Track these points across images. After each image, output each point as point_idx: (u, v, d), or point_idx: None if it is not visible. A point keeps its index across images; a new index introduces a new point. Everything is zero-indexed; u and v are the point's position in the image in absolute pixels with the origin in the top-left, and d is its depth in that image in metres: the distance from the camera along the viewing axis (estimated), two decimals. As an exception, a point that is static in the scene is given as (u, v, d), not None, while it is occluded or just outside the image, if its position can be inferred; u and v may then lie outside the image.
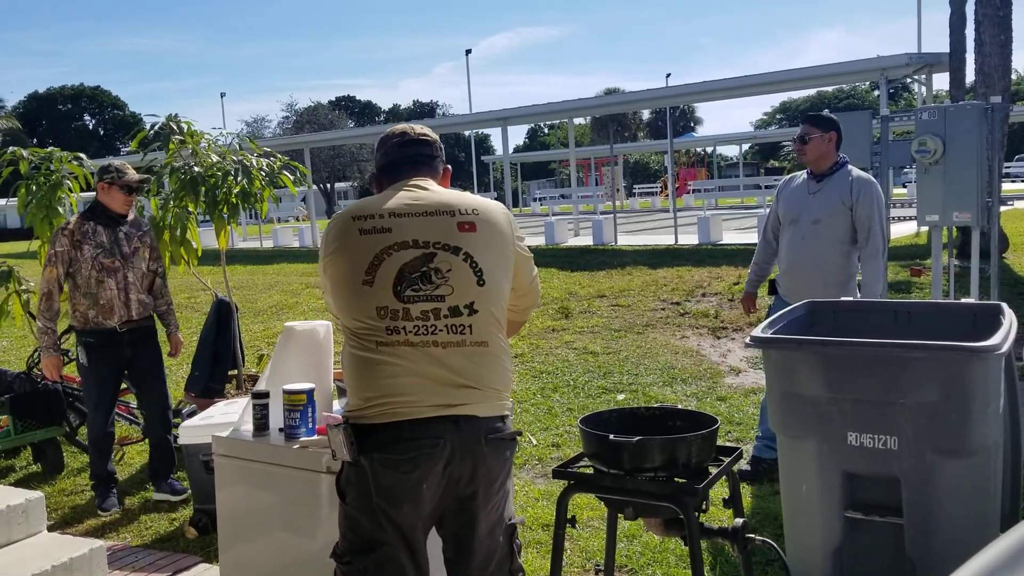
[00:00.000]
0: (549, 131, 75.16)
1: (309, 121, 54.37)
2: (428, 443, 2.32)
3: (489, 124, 31.12)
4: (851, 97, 63.35)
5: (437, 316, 2.37)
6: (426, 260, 2.40)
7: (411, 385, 2.34)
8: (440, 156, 2.72)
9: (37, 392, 5.97)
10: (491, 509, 2.47)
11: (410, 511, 2.35)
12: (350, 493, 2.42)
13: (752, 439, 5.71)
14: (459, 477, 2.38)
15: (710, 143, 48.02)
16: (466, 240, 2.45)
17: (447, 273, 2.40)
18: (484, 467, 2.41)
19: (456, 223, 2.47)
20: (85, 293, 5.13)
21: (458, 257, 2.42)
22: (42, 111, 72.12)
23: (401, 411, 2.34)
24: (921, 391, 2.94)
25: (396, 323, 2.36)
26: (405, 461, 2.31)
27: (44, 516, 3.76)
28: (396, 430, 2.33)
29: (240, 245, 27.15)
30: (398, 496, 2.33)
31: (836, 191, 4.73)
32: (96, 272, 5.11)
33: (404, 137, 2.67)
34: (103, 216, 5.22)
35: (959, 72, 13.85)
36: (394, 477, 2.32)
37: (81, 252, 5.11)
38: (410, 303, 2.37)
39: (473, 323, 2.40)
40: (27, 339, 9.50)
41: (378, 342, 2.36)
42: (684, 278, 12.05)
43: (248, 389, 6.17)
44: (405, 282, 2.38)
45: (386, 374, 2.35)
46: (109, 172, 5.20)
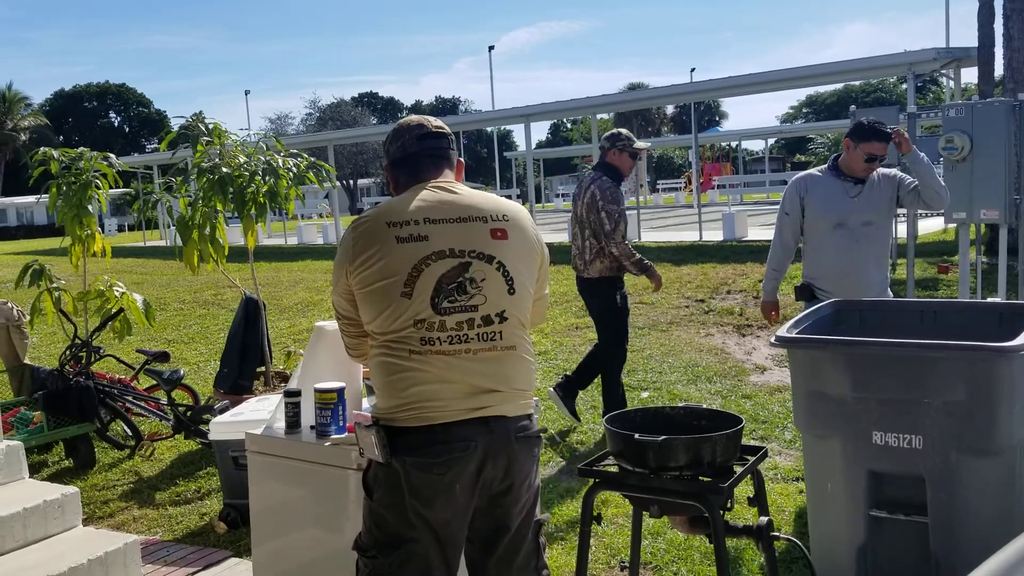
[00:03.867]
0: (572, 126, 75.02)
1: (332, 118, 54.60)
2: (460, 446, 2.36)
3: (512, 120, 31.09)
4: (878, 91, 62.76)
5: (471, 326, 2.40)
6: (462, 270, 2.41)
7: (442, 390, 2.37)
8: (455, 149, 2.70)
9: (69, 389, 6.06)
10: (522, 506, 2.51)
11: (443, 508, 2.38)
12: (378, 491, 2.45)
13: (778, 437, 5.71)
14: (492, 477, 2.42)
15: (735, 138, 47.71)
16: (499, 248, 2.47)
17: (481, 283, 2.42)
18: (516, 465, 2.45)
19: (489, 230, 2.47)
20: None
21: (491, 266, 2.44)
22: (68, 108, 72.80)
23: (433, 415, 2.36)
24: (947, 391, 2.95)
25: (431, 334, 2.37)
26: (438, 464, 2.35)
27: (79, 511, 3.84)
28: (428, 433, 2.36)
29: (265, 242, 27.32)
30: (431, 496, 2.37)
31: (880, 192, 4.66)
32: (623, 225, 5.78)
33: (422, 130, 2.62)
34: (618, 177, 5.85)
35: (988, 67, 13.69)
36: (427, 479, 2.35)
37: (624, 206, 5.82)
38: (446, 315, 2.38)
39: (503, 329, 2.44)
40: (57, 336, 9.65)
41: (411, 351, 2.38)
42: (708, 275, 12.02)
43: (276, 386, 6.24)
44: (442, 293, 2.38)
45: (417, 380, 2.37)
46: (620, 140, 5.82)
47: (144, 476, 5.82)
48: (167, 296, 14.48)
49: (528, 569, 2.56)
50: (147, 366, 6.54)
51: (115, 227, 44.45)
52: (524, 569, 2.56)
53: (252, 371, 6.36)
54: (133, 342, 8.53)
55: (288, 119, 58.20)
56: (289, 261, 19.22)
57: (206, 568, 4.31)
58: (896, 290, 10.02)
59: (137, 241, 32.58)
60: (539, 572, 2.59)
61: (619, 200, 5.77)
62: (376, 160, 53.78)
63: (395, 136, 2.65)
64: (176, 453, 6.25)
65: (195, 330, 11.42)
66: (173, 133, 6.23)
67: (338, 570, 2.94)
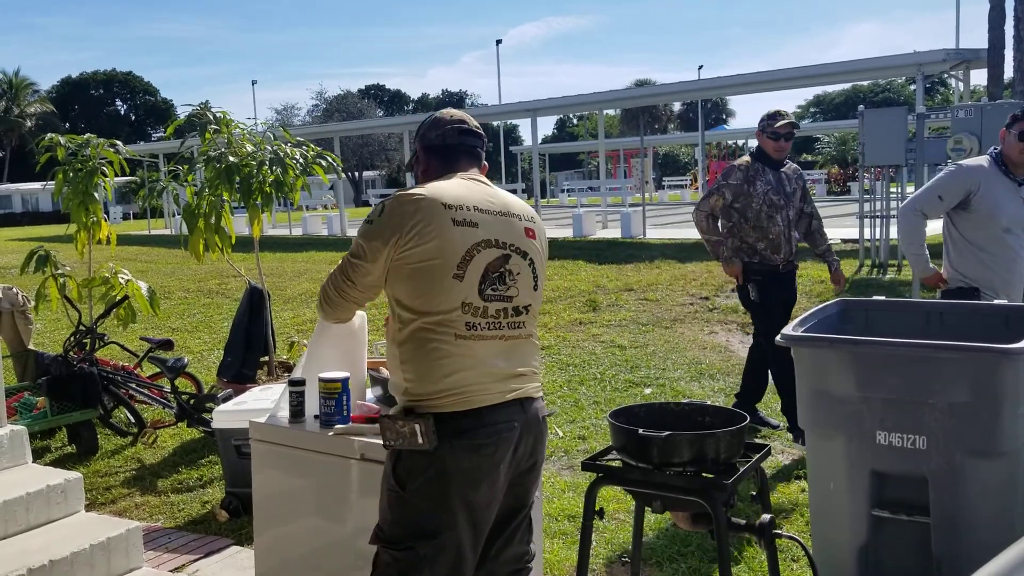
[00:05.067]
0: (578, 122, 74.94)
1: (338, 109, 54.62)
2: (505, 426, 2.46)
3: (518, 115, 31.08)
4: (887, 91, 62.64)
5: (506, 315, 2.52)
6: (504, 261, 2.52)
7: (482, 374, 2.45)
8: (485, 151, 2.81)
9: (73, 375, 6.07)
10: (537, 480, 2.68)
11: (488, 490, 2.46)
12: (414, 481, 2.43)
13: (780, 436, 5.71)
14: (523, 455, 2.55)
15: (742, 136, 47.53)
16: (530, 246, 2.62)
17: (516, 276, 2.55)
18: (541, 444, 2.62)
19: (523, 228, 2.61)
20: (755, 226, 5.50)
21: (525, 261, 2.58)
22: (75, 96, 72.85)
23: (477, 398, 2.44)
24: (952, 392, 2.95)
25: (475, 319, 2.45)
26: (488, 444, 2.43)
27: (82, 496, 3.84)
28: (476, 416, 2.43)
29: (269, 232, 27.34)
30: (479, 478, 2.43)
31: None
32: (767, 208, 5.48)
33: (464, 125, 2.71)
34: (766, 159, 5.58)
35: (997, 69, 13.68)
36: (476, 460, 2.42)
37: (754, 187, 5.48)
38: (489, 301, 2.48)
39: (526, 320, 2.58)
40: (62, 322, 9.66)
41: (456, 335, 2.43)
42: (713, 273, 12.00)
43: (279, 375, 6.25)
44: (487, 281, 2.48)
45: (460, 366, 2.43)
46: (761, 120, 5.59)
47: (146, 463, 5.83)
48: (171, 285, 14.50)
49: (524, 543, 2.71)
50: (151, 354, 6.55)
51: (120, 215, 44.49)
52: (521, 542, 2.70)
53: (256, 360, 6.37)
54: (137, 330, 8.54)
55: (294, 110, 58.30)
56: (294, 252, 19.23)
57: (207, 555, 4.32)
58: (902, 291, 10.01)
59: (142, 229, 32.62)
60: (530, 545, 2.75)
61: (729, 175, 5.57)
62: (381, 152, 53.77)
63: (436, 124, 2.71)
64: (179, 441, 6.26)
65: (199, 319, 11.43)
66: (180, 120, 6.22)
67: (340, 560, 2.95)
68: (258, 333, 6.31)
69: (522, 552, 2.69)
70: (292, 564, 3.13)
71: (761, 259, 5.53)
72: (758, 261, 5.54)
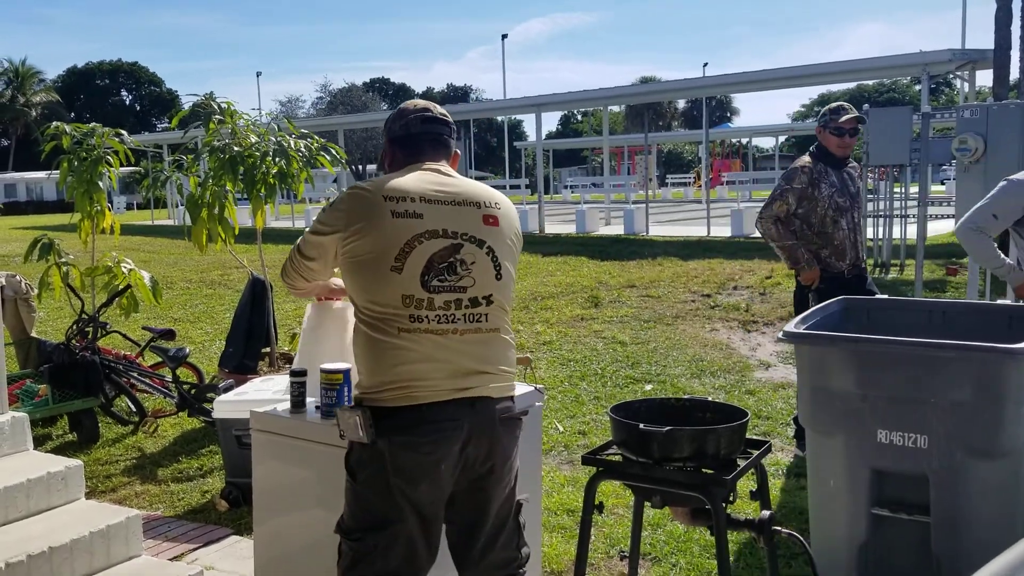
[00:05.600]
0: (582, 118, 74.87)
1: (343, 102, 54.59)
2: (447, 425, 2.37)
3: (523, 110, 31.07)
4: (891, 91, 62.52)
5: (458, 306, 2.42)
6: (453, 251, 2.44)
7: (429, 370, 2.38)
8: (454, 139, 2.75)
9: (75, 363, 6.08)
10: (503, 485, 2.54)
11: (427, 489, 2.40)
12: (362, 473, 2.45)
13: (780, 433, 5.71)
14: (475, 457, 2.44)
15: (746, 134, 47.59)
16: (489, 234, 2.52)
17: (471, 265, 2.46)
18: (499, 446, 2.48)
19: (481, 216, 2.52)
20: (819, 232, 5.10)
21: (482, 250, 2.49)
22: (80, 85, 72.88)
23: (419, 394, 2.37)
24: (954, 391, 2.95)
25: (420, 312, 2.38)
26: (426, 443, 2.36)
27: (83, 484, 3.85)
28: (415, 413, 2.37)
29: (272, 224, 27.35)
30: (417, 476, 2.37)
31: None
32: (832, 212, 5.08)
33: (427, 113, 2.67)
34: (829, 158, 5.17)
35: (1003, 69, 13.64)
36: (414, 459, 2.36)
37: (818, 191, 5.07)
38: (435, 293, 2.40)
39: (489, 312, 2.48)
40: (64, 310, 9.67)
41: (400, 328, 2.38)
42: (715, 270, 12.00)
43: (280, 367, 6.25)
44: (432, 272, 2.40)
45: (404, 359, 2.37)
46: (823, 116, 5.21)
47: (147, 452, 5.84)
48: (174, 275, 14.51)
49: (510, 548, 2.61)
50: (153, 343, 6.56)
51: (124, 205, 44.49)
52: (506, 548, 2.60)
53: (257, 351, 6.37)
54: (139, 319, 8.56)
55: (299, 102, 58.28)
56: (296, 244, 19.20)
57: (207, 545, 4.33)
58: (904, 291, 10.01)
59: (145, 220, 32.63)
60: (520, 551, 2.64)
61: (792, 178, 5.11)
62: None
63: (399, 115, 2.70)
64: (179, 430, 6.27)
65: (201, 310, 11.43)
66: (185, 111, 6.22)
67: (339, 550, 2.95)
68: (260, 324, 6.31)
69: (509, 558, 2.61)
70: (292, 554, 3.13)
71: (825, 267, 5.09)
72: (821, 269, 5.10)
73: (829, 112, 5.18)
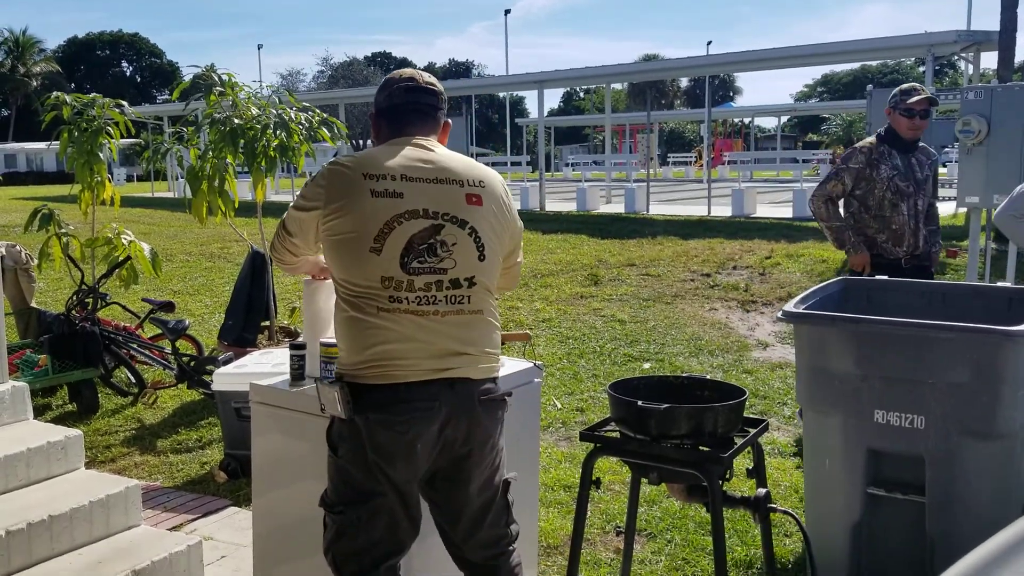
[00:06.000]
0: (585, 95, 74.54)
1: (344, 76, 54.30)
2: (424, 405, 2.36)
3: (525, 87, 30.92)
4: (895, 72, 62.23)
5: (439, 288, 2.39)
6: (434, 232, 2.40)
7: (408, 349, 2.36)
8: (443, 109, 2.66)
9: (75, 334, 6.09)
10: (485, 467, 2.52)
11: (403, 467, 2.40)
12: (342, 447, 2.45)
13: (777, 413, 5.73)
14: (455, 438, 2.43)
15: (748, 114, 47.38)
16: (472, 213, 2.46)
17: (452, 247, 2.41)
18: (479, 427, 2.46)
19: (464, 195, 2.47)
20: (876, 216, 4.95)
21: (464, 231, 2.43)
22: (80, 56, 72.53)
23: (397, 373, 2.36)
24: (952, 372, 2.95)
25: (399, 293, 2.36)
26: (401, 422, 2.35)
27: (82, 454, 3.86)
28: (392, 391, 2.36)
29: (273, 198, 27.26)
30: (392, 454, 2.37)
31: None
32: (891, 195, 4.90)
33: (412, 83, 2.60)
34: (896, 141, 4.98)
35: (1008, 52, 13.57)
36: (389, 436, 2.36)
37: (877, 172, 4.90)
38: (415, 275, 2.37)
39: (471, 294, 2.44)
40: (64, 281, 9.67)
41: (379, 308, 2.36)
42: (715, 250, 12.00)
43: (280, 340, 6.27)
44: (412, 253, 2.37)
45: (384, 338, 2.36)
46: (893, 97, 4.99)
47: (146, 423, 5.86)
48: (173, 248, 14.50)
49: (499, 526, 2.60)
50: (152, 315, 6.57)
51: (124, 177, 44.36)
52: (495, 526, 2.59)
53: (256, 324, 6.38)
54: (139, 291, 8.56)
55: (300, 75, 57.97)
56: (296, 218, 19.15)
57: (205, 516, 4.35)
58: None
59: (145, 192, 32.57)
60: (508, 528, 2.63)
61: (849, 158, 4.97)
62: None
63: (384, 85, 2.64)
64: (178, 402, 6.29)
65: (200, 282, 11.44)
66: (186, 83, 6.19)
67: (337, 522, 2.96)
68: (259, 297, 6.31)
69: (498, 536, 2.60)
70: (290, 526, 3.15)
71: (880, 252, 4.94)
72: (876, 254, 4.95)
73: (900, 93, 4.98)
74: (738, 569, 3.71)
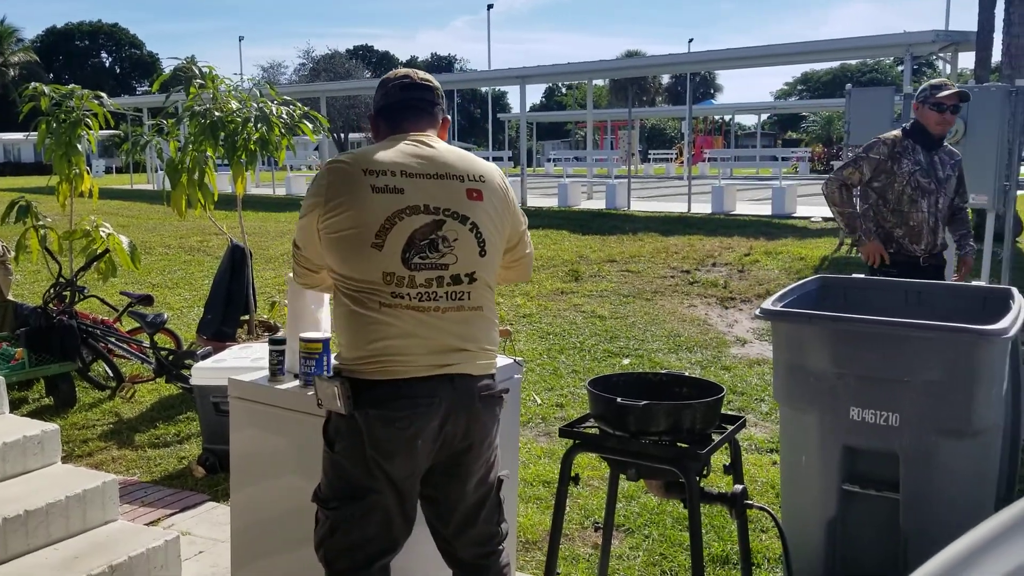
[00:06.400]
0: (567, 91, 74.55)
1: (326, 69, 53.98)
2: (424, 401, 2.36)
3: (507, 82, 30.89)
4: (874, 71, 62.61)
5: (440, 284, 2.39)
6: (435, 227, 2.39)
7: (409, 345, 2.36)
8: (441, 104, 2.66)
9: (52, 327, 6.04)
10: (482, 463, 2.52)
11: (402, 464, 2.39)
12: (339, 443, 2.44)
13: (754, 409, 5.77)
14: (454, 434, 2.43)
15: (729, 111, 47.59)
16: (473, 209, 2.45)
17: (453, 242, 2.40)
18: (478, 423, 2.46)
19: (465, 190, 2.45)
20: (895, 210, 4.80)
21: (465, 227, 2.43)
22: (59, 46, 71.69)
23: (398, 369, 2.35)
24: (927, 370, 2.98)
25: (400, 289, 2.35)
26: (401, 418, 2.34)
27: (59, 448, 3.83)
28: (393, 387, 2.36)
29: (253, 191, 27.13)
30: (392, 450, 2.37)
31: None
32: (910, 190, 4.75)
33: (406, 80, 2.61)
34: (922, 136, 4.83)
35: (985, 52, 13.68)
36: (389, 432, 2.35)
37: (898, 165, 4.75)
38: (416, 271, 2.36)
39: (471, 290, 2.44)
40: (41, 273, 9.59)
41: (381, 303, 2.36)
42: (695, 247, 12.05)
43: (259, 335, 6.24)
44: (413, 249, 2.36)
45: (384, 334, 2.35)
46: (923, 91, 4.85)
47: (124, 417, 5.83)
48: (152, 240, 14.40)
49: (490, 524, 2.60)
50: (131, 309, 6.53)
51: (103, 169, 44.00)
52: (488, 524, 2.59)
53: (236, 319, 6.35)
54: (117, 284, 8.50)
55: (281, 68, 57.55)
56: (276, 211, 19.11)
57: (183, 511, 4.34)
58: (881, 271, 10.08)
59: (124, 184, 32.31)
60: (499, 526, 2.63)
61: (871, 148, 4.81)
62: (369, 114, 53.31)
63: (380, 85, 2.65)
64: (157, 396, 6.26)
65: (179, 276, 11.37)
66: (166, 74, 6.15)
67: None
68: (239, 291, 6.29)
69: (489, 534, 2.60)
70: (268, 521, 3.14)
71: (898, 248, 4.81)
72: (894, 251, 4.81)
73: (929, 87, 4.85)
74: (715, 564, 3.74)
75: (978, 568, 1.34)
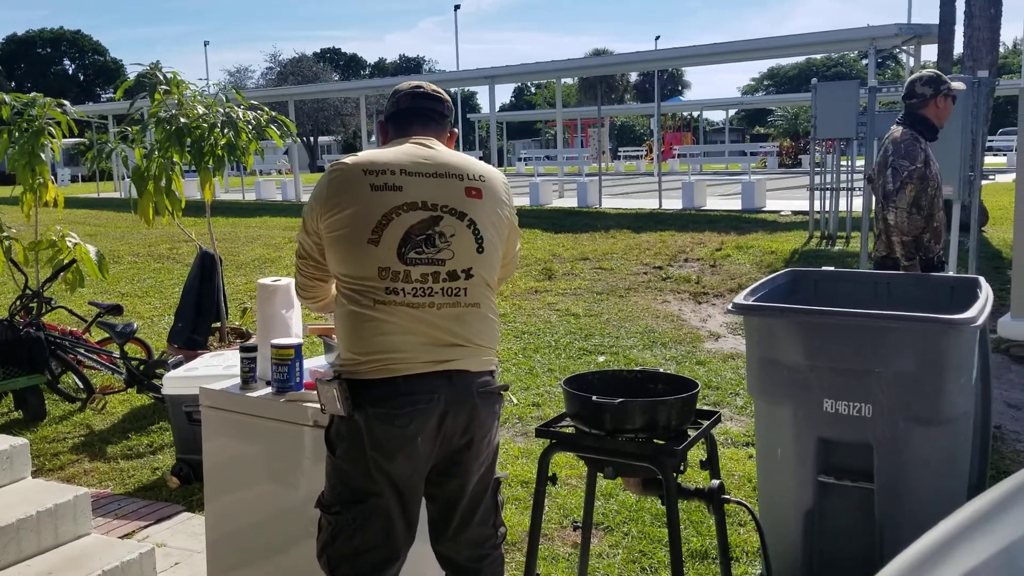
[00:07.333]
0: (536, 90, 74.64)
1: (293, 73, 53.75)
2: (423, 398, 2.36)
3: (476, 82, 30.90)
4: (839, 65, 63.22)
5: (436, 279, 2.40)
6: (432, 223, 2.41)
7: (405, 342, 2.37)
8: (450, 117, 2.73)
9: (19, 340, 5.96)
10: (482, 461, 2.53)
11: (404, 462, 2.39)
12: (341, 446, 2.44)
13: (730, 403, 5.80)
14: (453, 431, 2.43)
15: (697, 108, 47.89)
16: (472, 206, 2.47)
17: (450, 238, 2.42)
18: (477, 419, 2.46)
19: (464, 188, 2.49)
20: (928, 216, 4.54)
21: (463, 223, 2.45)
22: (20, 54, 70.72)
23: (396, 367, 2.36)
24: (898, 361, 3.01)
25: (396, 284, 2.36)
26: (401, 416, 2.35)
27: (29, 463, 3.78)
28: (391, 385, 2.36)
29: (222, 197, 26.91)
30: (393, 449, 2.37)
31: None
32: (937, 192, 4.56)
33: (418, 90, 2.68)
34: (930, 132, 4.62)
35: (947, 44, 13.83)
36: (389, 431, 2.36)
37: (929, 169, 4.51)
38: (412, 266, 2.38)
39: (468, 287, 2.44)
40: (8, 285, 9.45)
41: (376, 300, 2.37)
42: (667, 243, 12.10)
43: (231, 342, 6.19)
44: (410, 244, 2.38)
45: (381, 331, 2.37)
46: (938, 83, 4.61)
47: (95, 429, 5.76)
48: (121, 249, 14.25)
49: (487, 525, 2.60)
50: (100, 319, 6.45)
51: (68, 177, 43.42)
52: (483, 525, 2.59)
53: (207, 327, 6.29)
54: (85, 294, 8.40)
55: (248, 72, 57.24)
56: (247, 217, 18.96)
57: (158, 522, 4.29)
58: (850, 263, 10.17)
59: (91, 192, 31.95)
60: (496, 529, 2.63)
61: (915, 156, 4.45)
62: (337, 117, 53.09)
63: (393, 94, 2.71)
64: (128, 407, 6.19)
65: (149, 284, 11.26)
66: (130, 81, 6.08)
67: (291, 526, 2.94)
68: (209, 299, 6.23)
69: (485, 535, 2.60)
70: (243, 530, 3.12)
71: (925, 252, 4.58)
72: (921, 256, 4.56)
73: (939, 80, 4.63)
74: (694, 559, 3.75)
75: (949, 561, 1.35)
